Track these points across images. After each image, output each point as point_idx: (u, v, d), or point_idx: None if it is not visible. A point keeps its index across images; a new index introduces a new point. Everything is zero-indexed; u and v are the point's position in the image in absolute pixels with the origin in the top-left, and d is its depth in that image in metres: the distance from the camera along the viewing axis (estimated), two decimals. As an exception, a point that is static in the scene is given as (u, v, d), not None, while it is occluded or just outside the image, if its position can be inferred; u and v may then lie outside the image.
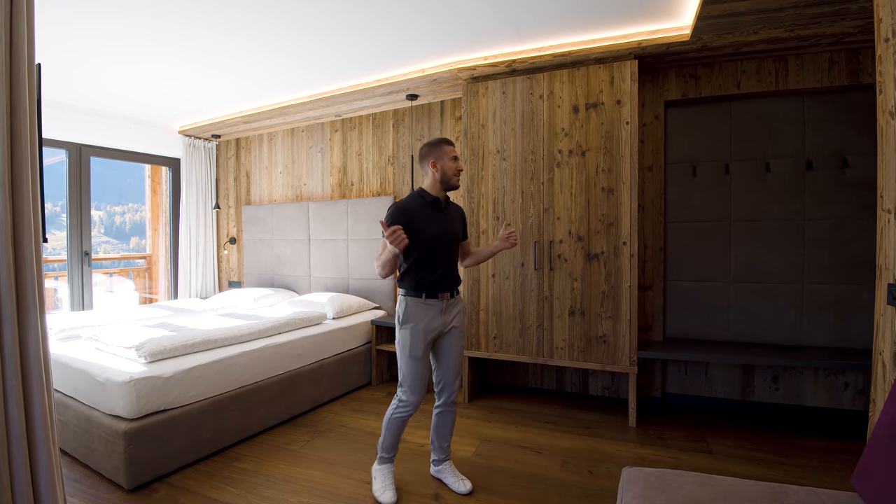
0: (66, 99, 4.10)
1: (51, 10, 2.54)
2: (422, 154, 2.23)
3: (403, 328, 2.16)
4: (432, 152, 2.19)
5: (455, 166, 2.19)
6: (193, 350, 2.79)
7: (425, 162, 2.21)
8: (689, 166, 3.39)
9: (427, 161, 2.20)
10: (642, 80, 3.36)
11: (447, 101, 4.09)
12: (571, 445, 2.79)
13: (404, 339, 2.16)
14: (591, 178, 3.11)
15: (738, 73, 3.20)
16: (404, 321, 2.16)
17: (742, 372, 3.26)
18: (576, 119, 3.15)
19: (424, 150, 2.23)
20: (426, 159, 2.20)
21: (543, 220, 3.25)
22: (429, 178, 2.22)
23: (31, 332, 1.21)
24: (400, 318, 2.18)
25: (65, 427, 2.65)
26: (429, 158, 2.19)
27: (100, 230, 12.85)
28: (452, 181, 2.21)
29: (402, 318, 2.17)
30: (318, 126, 4.88)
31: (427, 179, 2.23)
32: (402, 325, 2.17)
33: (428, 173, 2.21)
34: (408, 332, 2.15)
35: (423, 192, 2.21)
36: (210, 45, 3.06)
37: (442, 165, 2.17)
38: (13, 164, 1.18)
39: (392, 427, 2.24)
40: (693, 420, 3.13)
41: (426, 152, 2.21)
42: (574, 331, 3.17)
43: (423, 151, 2.23)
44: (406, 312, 2.16)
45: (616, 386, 3.55)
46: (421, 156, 2.24)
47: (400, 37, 2.98)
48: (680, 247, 3.42)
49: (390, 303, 4.33)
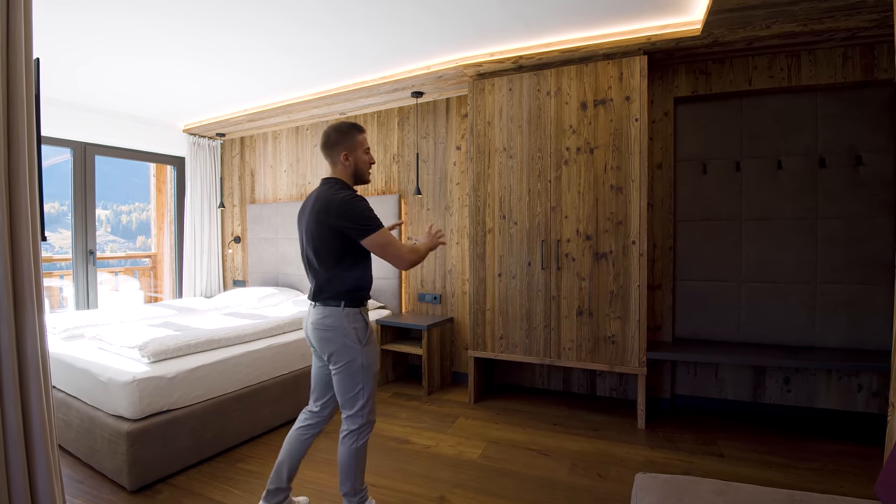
0: (71, 97, 4.09)
1: (54, 10, 2.52)
2: (331, 141, 1.90)
3: (368, 345, 1.88)
4: (344, 141, 1.89)
5: (368, 159, 1.95)
6: (197, 350, 2.77)
7: (335, 152, 1.89)
8: (700, 164, 3.34)
9: (337, 151, 1.89)
10: (651, 76, 3.30)
11: (453, 99, 4.05)
12: (580, 448, 2.74)
13: (369, 357, 1.88)
14: (600, 175, 3.06)
15: (749, 69, 3.14)
16: (367, 335, 1.88)
17: (753, 373, 3.20)
18: (584, 116, 3.10)
19: (334, 136, 1.89)
20: (336, 149, 1.89)
21: (551, 219, 3.20)
22: (338, 170, 1.91)
23: (28, 332, 1.18)
24: (359, 334, 1.86)
25: (68, 427, 2.63)
26: (339, 149, 1.88)
27: (106, 229, 12.95)
28: (366, 176, 1.96)
29: (364, 333, 1.87)
30: (322, 124, 4.84)
31: (336, 171, 1.92)
32: (365, 342, 1.87)
33: (337, 164, 1.91)
34: (371, 349, 1.90)
35: (348, 186, 1.91)
36: (215, 43, 3.03)
37: (355, 158, 1.90)
38: (10, 160, 1.15)
39: (362, 457, 1.93)
40: (703, 422, 3.08)
41: (336, 140, 1.89)
42: (582, 331, 3.13)
43: (332, 138, 1.89)
44: (367, 326, 1.90)
45: (624, 387, 3.50)
46: (329, 142, 1.90)
47: (405, 33, 2.94)
48: (690, 246, 3.37)
49: (395, 302, 4.29)
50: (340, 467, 1.92)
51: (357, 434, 1.90)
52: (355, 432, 1.89)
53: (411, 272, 4.29)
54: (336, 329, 1.84)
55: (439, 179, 4.13)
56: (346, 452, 1.90)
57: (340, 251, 1.83)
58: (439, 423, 3.13)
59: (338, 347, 1.84)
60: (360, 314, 1.88)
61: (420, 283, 4.25)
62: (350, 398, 1.87)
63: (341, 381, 1.87)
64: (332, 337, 1.85)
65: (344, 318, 1.84)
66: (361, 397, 1.88)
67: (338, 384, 1.88)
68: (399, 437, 2.92)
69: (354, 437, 1.89)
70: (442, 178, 4.12)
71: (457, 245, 4.05)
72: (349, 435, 1.90)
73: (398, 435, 2.95)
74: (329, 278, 1.85)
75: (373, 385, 1.91)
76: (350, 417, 1.89)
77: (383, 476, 2.44)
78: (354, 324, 1.86)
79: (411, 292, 4.32)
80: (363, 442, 1.91)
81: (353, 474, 1.92)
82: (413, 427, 3.07)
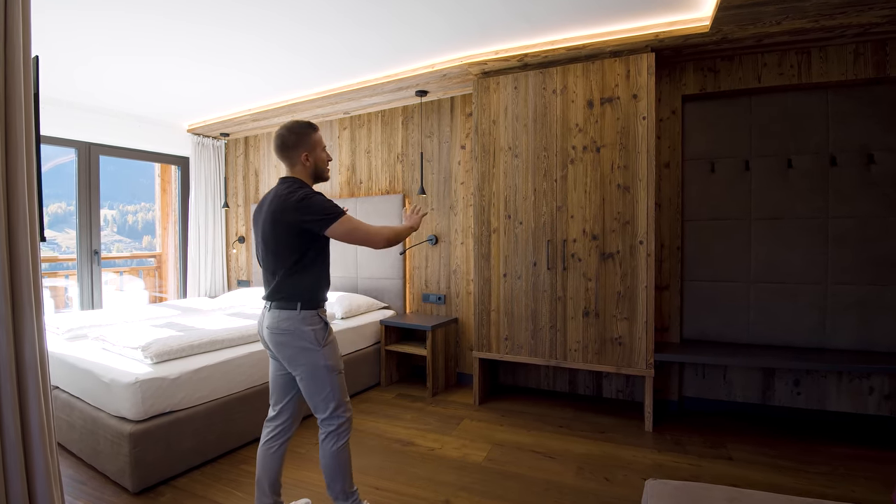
0: (74, 97, 4.08)
1: (56, 8, 2.51)
2: (287, 143, 1.84)
3: (328, 345, 1.83)
4: (302, 142, 1.84)
5: (326, 156, 1.91)
6: (200, 350, 2.75)
7: (294, 153, 1.84)
8: (708, 163, 3.29)
9: (298, 153, 1.84)
10: (659, 73, 3.26)
11: (457, 97, 4.02)
12: (586, 451, 2.71)
13: (331, 357, 1.82)
14: (606, 174, 3.03)
15: (758, 66, 3.09)
16: (326, 336, 1.83)
17: (762, 375, 3.15)
18: (590, 114, 3.06)
19: (291, 138, 1.84)
20: (296, 150, 1.84)
21: (556, 219, 3.17)
22: (297, 171, 1.87)
23: (26, 334, 1.16)
24: (318, 335, 1.80)
25: (71, 428, 2.62)
26: (300, 150, 1.84)
27: (112, 229, 13.05)
28: (325, 174, 1.93)
29: (325, 334, 1.82)
30: (326, 124, 4.82)
31: (295, 172, 1.88)
32: (324, 343, 1.81)
33: (297, 165, 1.86)
34: (331, 349, 1.84)
35: (306, 184, 1.87)
36: (218, 42, 3.02)
37: (315, 158, 1.87)
38: (7, 159, 1.13)
39: (346, 457, 1.88)
40: (711, 425, 3.04)
41: (295, 141, 1.84)
42: (588, 332, 3.09)
43: (289, 140, 1.84)
44: (326, 327, 1.85)
45: (631, 389, 3.46)
46: (285, 144, 1.85)
47: (410, 32, 2.91)
48: (698, 246, 3.32)
49: (400, 302, 4.27)
50: (325, 472, 1.89)
51: (336, 435, 1.85)
52: (334, 434, 1.85)
53: (416, 273, 4.27)
54: (293, 332, 1.79)
55: (444, 179, 4.10)
56: (328, 456, 1.86)
57: (298, 251, 1.78)
58: (444, 425, 3.10)
59: (296, 351, 1.80)
60: (317, 315, 1.83)
61: (424, 284, 4.23)
62: (321, 401, 1.84)
63: (308, 386, 1.83)
64: (288, 341, 1.79)
65: (300, 321, 1.79)
66: (332, 399, 1.83)
67: (305, 389, 1.85)
68: (403, 439, 2.89)
69: (334, 439, 1.85)
70: (446, 178, 4.09)
71: (461, 245, 4.02)
72: (328, 438, 1.86)
73: (402, 437, 2.93)
74: (285, 279, 1.80)
75: (341, 384, 1.87)
76: (325, 420, 1.86)
77: (387, 479, 2.41)
78: (312, 325, 1.80)
79: (416, 292, 4.29)
80: (344, 442, 1.87)
81: (340, 477, 1.88)
82: (417, 429, 3.05)
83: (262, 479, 1.94)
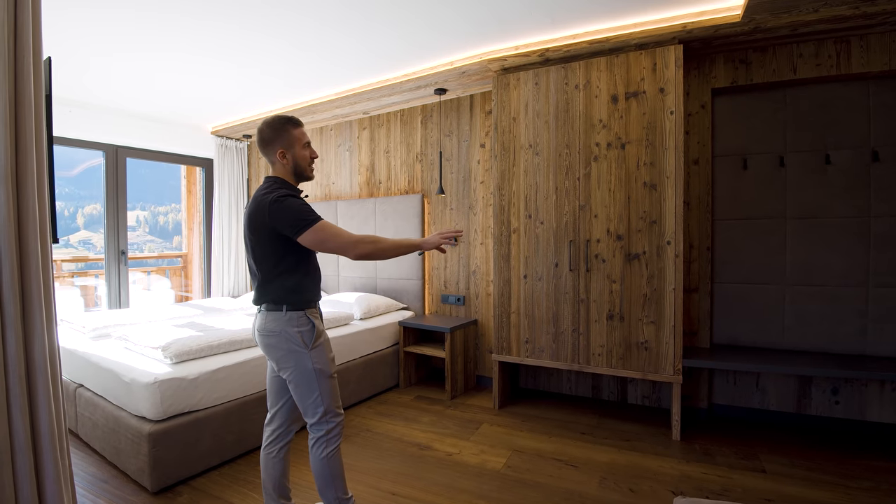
0: (101, 100, 4.17)
1: (81, 8, 2.54)
2: (265, 138, 1.77)
3: (317, 348, 1.76)
4: (278, 138, 1.76)
5: (309, 154, 1.82)
6: (219, 351, 2.76)
7: (270, 150, 1.77)
8: (740, 159, 3.14)
9: (273, 149, 1.76)
10: (687, 66, 3.13)
11: (477, 95, 3.95)
12: (610, 460, 2.61)
13: (320, 360, 1.76)
14: (632, 172, 2.91)
15: (794, 57, 2.93)
16: (316, 338, 1.77)
17: (798, 383, 2.99)
18: (615, 109, 2.96)
19: (267, 133, 1.76)
20: (272, 146, 1.76)
21: (579, 218, 3.07)
22: (277, 169, 1.80)
23: (36, 338, 1.15)
24: (305, 337, 1.74)
25: (95, 426, 2.66)
26: (275, 146, 1.76)
27: (145, 230, 13.54)
28: (307, 172, 1.83)
29: (312, 336, 1.76)
30: (346, 124, 4.82)
31: (276, 171, 1.81)
32: (312, 345, 1.75)
33: (276, 163, 1.79)
34: (320, 351, 1.78)
35: (288, 184, 1.79)
36: (241, 44, 3.02)
37: (293, 156, 1.78)
38: (18, 160, 1.12)
39: (336, 464, 1.82)
40: (743, 434, 2.90)
41: (270, 137, 1.76)
42: (613, 336, 2.98)
43: (265, 135, 1.76)
44: (314, 328, 1.77)
45: (657, 395, 3.33)
46: (264, 140, 1.77)
47: (428, 29, 2.86)
48: (729, 246, 3.18)
49: (419, 303, 4.22)
50: (316, 478, 1.83)
51: (325, 441, 1.79)
52: (323, 440, 1.79)
53: (435, 274, 4.22)
54: (279, 334, 1.74)
55: (463, 178, 4.04)
56: (317, 462, 1.80)
57: (279, 253, 1.72)
58: (462, 430, 3.04)
59: (283, 353, 1.75)
60: (305, 317, 1.76)
61: (443, 285, 4.17)
62: (309, 405, 1.79)
63: (296, 389, 1.79)
64: (275, 343, 1.75)
65: (286, 323, 1.73)
66: (321, 403, 1.77)
67: (294, 392, 1.80)
68: (421, 443, 2.84)
69: (323, 445, 1.79)
70: (465, 177, 4.03)
71: (481, 245, 3.95)
72: (317, 443, 1.80)
73: (420, 441, 2.88)
74: (270, 281, 1.74)
75: (332, 389, 1.81)
76: (314, 425, 1.80)
77: (403, 484, 2.37)
78: (299, 327, 1.74)
79: (434, 293, 4.24)
80: (333, 448, 1.81)
81: (331, 484, 1.81)
82: (436, 432, 2.99)
83: (266, 483, 1.92)
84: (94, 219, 9.29)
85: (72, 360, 2.95)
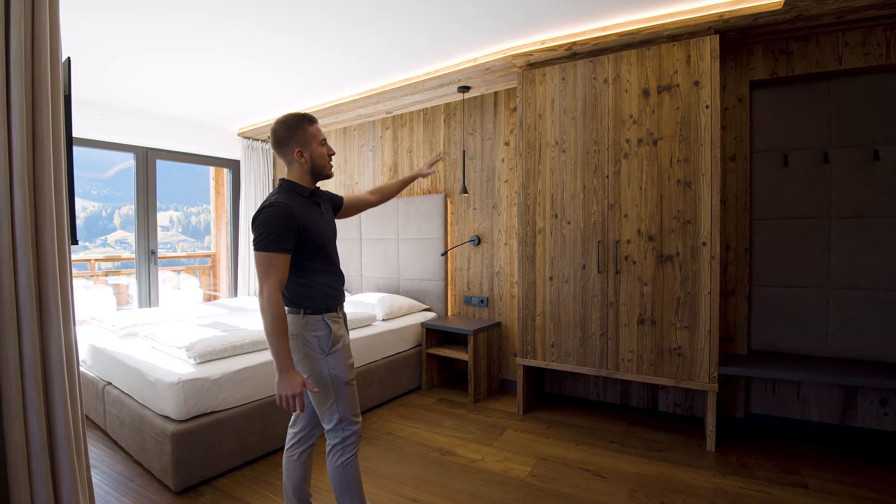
0: (131, 103, 4.25)
1: (110, 9, 2.57)
2: (280, 138, 1.71)
3: (334, 353, 1.72)
4: (294, 137, 1.70)
5: (327, 150, 1.77)
6: (242, 351, 2.76)
7: (288, 150, 1.71)
8: (780, 155, 2.97)
9: (290, 149, 1.71)
10: (723, 58, 2.98)
11: (501, 92, 3.87)
12: (640, 471, 2.49)
13: (337, 366, 1.72)
14: (665, 169, 2.78)
15: (839, 46, 2.75)
16: (332, 344, 1.71)
17: (842, 393, 2.81)
18: (646, 104, 2.83)
19: (283, 132, 1.70)
20: (288, 146, 1.71)
21: (608, 218, 2.96)
22: (294, 169, 1.74)
23: (52, 340, 1.14)
24: (321, 342, 1.70)
25: (121, 424, 2.70)
26: (291, 146, 1.70)
27: (178, 229, 14.03)
28: (326, 170, 1.78)
29: (329, 341, 1.71)
30: (369, 124, 4.80)
31: (293, 171, 1.75)
32: (328, 350, 1.71)
33: (293, 163, 1.73)
34: (338, 357, 1.73)
35: (296, 186, 1.73)
36: (265, 44, 3.02)
37: (311, 153, 1.72)
38: (35, 161, 1.11)
39: (353, 473, 1.78)
40: (782, 447, 2.73)
41: (286, 136, 1.70)
42: (643, 341, 2.86)
43: (281, 134, 1.70)
44: (331, 333, 1.72)
45: (690, 403, 3.18)
46: (280, 140, 1.71)
47: (451, 25, 2.80)
48: (768, 247, 3.01)
49: (441, 304, 4.17)
50: (333, 486, 1.79)
51: (341, 449, 1.75)
52: (338, 447, 1.75)
53: (457, 275, 4.16)
54: (295, 338, 1.70)
55: (486, 177, 3.96)
56: (333, 469, 1.77)
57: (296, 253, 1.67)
58: (486, 435, 2.96)
59: (299, 357, 1.70)
60: (322, 321, 1.72)
61: (466, 286, 4.10)
62: (325, 411, 1.75)
63: (314, 395, 1.75)
64: (293, 346, 1.70)
65: (303, 327, 1.69)
66: (337, 410, 1.74)
67: (312, 398, 1.77)
68: (443, 448, 2.78)
69: (339, 452, 1.75)
70: (489, 176, 3.95)
71: (505, 246, 3.87)
72: (333, 451, 1.76)
73: (442, 445, 2.82)
74: (286, 285, 1.70)
75: (350, 396, 1.76)
76: (330, 432, 1.77)
77: (425, 491, 2.31)
78: (315, 332, 1.70)
79: (457, 295, 4.18)
80: (350, 457, 1.76)
81: (347, 493, 1.77)
82: (458, 437, 2.93)
83: (287, 486, 1.89)
84: (129, 219, 9.63)
85: (101, 359, 3.00)
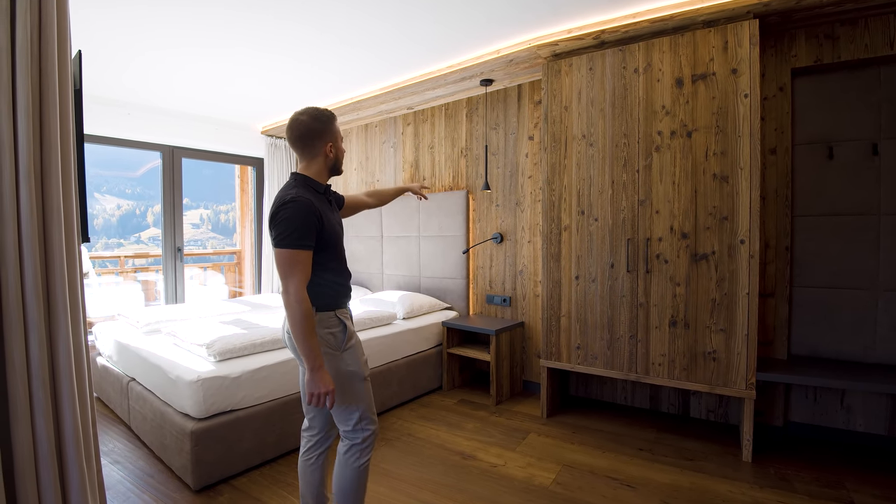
0: (157, 102, 4.30)
1: (132, 6, 2.57)
2: (311, 131, 1.66)
3: (349, 349, 1.69)
4: (328, 131, 1.69)
5: (344, 147, 1.79)
6: (262, 349, 2.74)
7: (318, 143, 1.68)
8: (824, 147, 2.78)
9: (322, 142, 1.68)
10: (763, 44, 2.80)
11: (525, 85, 3.75)
12: (671, 481, 2.36)
13: (353, 362, 1.69)
14: (700, 163, 2.64)
15: (890, 30, 2.55)
16: (346, 340, 1.68)
17: (891, 402, 2.62)
18: (680, 94, 2.68)
19: (316, 125, 1.66)
20: (319, 141, 1.68)
21: (638, 215, 2.82)
22: (317, 163, 1.71)
23: (60, 341, 1.11)
24: (337, 339, 1.67)
25: (144, 420, 2.71)
26: (325, 139, 1.68)
27: (208, 227, 14.42)
28: (341, 166, 1.80)
29: (344, 337, 1.68)
30: (390, 120, 4.75)
31: (313, 165, 1.71)
32: (343, 347, 1.67)
33: (318, 157, 1.70)
34: (352, 353, 1.70)
35: (311, 182, 1.69)
36: (285, 39, 2.97)
37: (337, 149, 1.74)
38: (42, 159, 1.07)
39: (365, 478, 1.72)
40: (825, 458, 2.56)
41: (319, 130, 1.67)
42: (675, 345, 2.72)
43: (312, 127, 1.66)
44: (346, 329, 1.70)
45: (724, 409, 3.02)
46: (311, 133, 1.67)
47: (473, 15, 2.70)
48: (811, 246, 2.83)
49: (463, 303, 4.09)
50: (338, 490, 1.72)
51: (360, 450, 1.69)
52: (357, 447, 1.69)
53: (479, 273, 4.07)
54: None
55: (510, 173, 3.86)
56: (347, 470, 1.70)
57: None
58: (508, 439, 2.87)
59: None
60: (335, 317, 1.67)
61: (489, 284, 4.01)
62: (342, 411, 1.68)
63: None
64: None
65: (317, 324, 1.63)
66: (356, 409, 1.68)
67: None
68: (464, 452, 2.70)
69: (357, 454, 1.69)
70: (513, 172, 3.84)
71: (528, 244, 3.76)
72: (351, 451, 1.70)
73: (463, 449, 2.74)
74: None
75: (366, 393, 1.71)
76: (348, 433, 1.70)
77: (445, 496, 2.24)
78: (329, 328, 1.65)
79: (479, 293, 4.09)
80: (367, 460, 1.71)
81: (352, 497, 1.70)
82: (479, 441, 2.85)
83: (304, 491, 1.84)
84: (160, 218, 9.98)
85: (126, 355, 3.03)
